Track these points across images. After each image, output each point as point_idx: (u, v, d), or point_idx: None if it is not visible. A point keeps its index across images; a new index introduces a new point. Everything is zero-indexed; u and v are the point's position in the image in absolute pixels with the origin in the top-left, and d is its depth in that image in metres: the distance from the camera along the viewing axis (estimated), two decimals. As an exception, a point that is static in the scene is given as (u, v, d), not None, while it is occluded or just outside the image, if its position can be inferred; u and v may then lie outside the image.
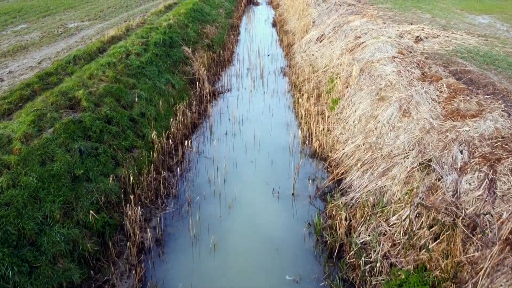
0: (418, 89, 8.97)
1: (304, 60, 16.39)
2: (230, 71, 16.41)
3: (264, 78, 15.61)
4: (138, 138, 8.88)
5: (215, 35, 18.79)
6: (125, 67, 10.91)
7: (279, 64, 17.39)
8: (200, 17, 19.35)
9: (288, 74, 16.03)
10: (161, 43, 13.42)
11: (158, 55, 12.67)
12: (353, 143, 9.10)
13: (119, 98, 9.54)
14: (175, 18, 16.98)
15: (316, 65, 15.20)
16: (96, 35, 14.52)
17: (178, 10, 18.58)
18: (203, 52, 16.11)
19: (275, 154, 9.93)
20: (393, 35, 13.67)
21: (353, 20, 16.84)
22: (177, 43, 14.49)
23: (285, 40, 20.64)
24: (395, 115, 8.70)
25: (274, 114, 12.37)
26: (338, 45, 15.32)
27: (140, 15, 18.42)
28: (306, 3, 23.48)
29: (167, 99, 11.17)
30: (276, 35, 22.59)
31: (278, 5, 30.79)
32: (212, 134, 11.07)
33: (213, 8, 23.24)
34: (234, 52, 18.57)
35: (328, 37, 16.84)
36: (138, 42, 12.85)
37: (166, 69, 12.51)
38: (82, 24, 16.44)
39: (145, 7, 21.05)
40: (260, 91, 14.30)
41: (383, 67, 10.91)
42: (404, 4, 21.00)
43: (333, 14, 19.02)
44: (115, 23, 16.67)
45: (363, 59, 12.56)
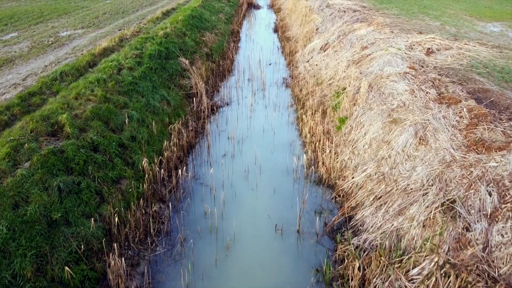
0: (435, 113, 8.12)
1: (307, 71, 15.54)
2: (230, 82, 15.57)
3: (266, 90, 14.77)
4: (128, 166, 8.05)
5: (214, 43, 17.95)
6: (116, 84, 10.08)
7: (281, 74, 16.55)
8: (199, 24, 18.51)
9: (290, 86, 15.18)
10: (157, 55, 12.58)
11: (153, 68, 11.83)
12: (363, 171, 8.25)
13: (108, 121, 8.71)
14: (173, 26, 16.15)
15: (320, 77, 14.37)
16: (88, 45, 13.69)
17: (176, 17, 17.75)
18: (202, 63, 15.27)
19: (277, 181, 9.10)
20: (403, 47, 12.82)
21: (359, 29, 16.01)
22: (174, 54, 13.65)
23: (287, 48, 19.80)
24: (411, 142, 7.85)
25: (276, 132, 11.53)
26: (344, 55, 14.48)
27: (136, 22, 17.59)
28: (309, 8, 22.64)
29: (161, 118, 10.34)
30: (278, 42, 21.74)
31: (280, 9, 29.95)
32: (209, 156, 10.23)
33: (213, 13, 22.40)
34: (234, 61, 17.73)
35: (332, 46, 15.99)
36: (131, 54, 12.01)
37: (162, 83, 11.67)
38: (74, 33, 15.61)
39: (142, 13, 20.22)
40: (261, 105, 13.46)
41: (394, 84, 10.06)
42: (411, 10, 20.14)
43: (337, 21, 18.19)
44: (109, 31, 15.84)
45: (371, 73, 11.72)
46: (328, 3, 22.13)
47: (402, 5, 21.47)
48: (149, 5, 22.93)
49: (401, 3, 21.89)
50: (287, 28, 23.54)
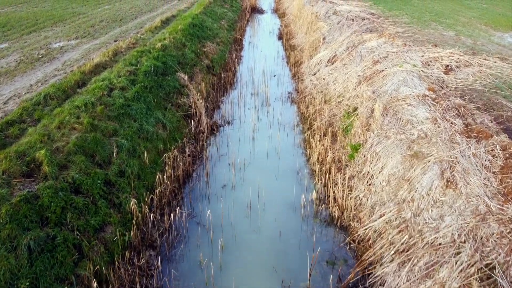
0: (463, 149, 7.10)
1: (314, 85, 14.52)
2: (232, 96, 14.58)
3: (270, 106, 13.77)
4: (114, 208, 7.07)
5: (215, 53, 16.95)
6: (105, 108, 9.11)
7: (286, 87, 15.54)
8: (199, 33, 17.51)
9: (296, 102, 14.17)
10: (153, 72, 11.60)
11: (148, 87, 10.85)
12: (382, 215, 7.24)
13: (94, 153, 7.74)
14: (171, 37, 15.16)
15: (328, 93, 13.34)
16: (80, 59, 12.73)
17: (175, 27, 16.76)
18: (202, 77, 14.28)
19: (283, 219, 8.10)
20: (419, 63, 11.78)
21: (369, 40, 14.97)
22: (172, 69, 12.66)
23: (292, 57, 18.78)
24: (436, 185, 6.83)
25: (282, 156, 10.53)
26: (353, 70, 13.45)
27: (134, 32, 16.62)
28: (315, 15, 21.61)
29: (155, 145, 9.35)
30: (283, 51, 20.72)
31: (284, 13, 28.93)
32: (208, 187, 9.25)
33: (215, 20, 21.40)
34: (236, 73, 16.73)
35: (341, 58, 14.96)
36: (125, 71, 11.03)
37: (157, 104, 10.69)
38: (67, 44, 14.66)
39: (140, 21, 19.24)
40: (265, 123, 12.46)
41: (412, 110, 9.03)
42: (422, 17, 19.07)
43: (345, 31, 17.15)
44: (104, 42, 14.88)
45: (386, 93, 10.70)
46: (335, 9, 21.11)
47: (412, 12, 20.41)
48: (148, 12, 21.96)
49: (412, 10, 20.83)
50: (292, 36, 22.52)
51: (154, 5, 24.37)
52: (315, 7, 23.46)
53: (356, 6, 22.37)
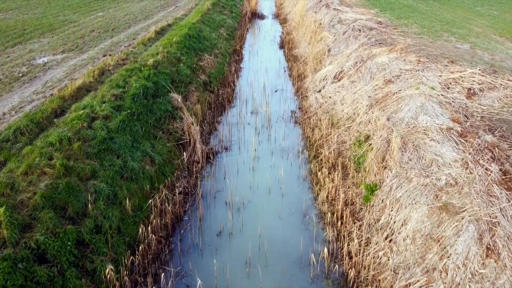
0: (504, 207, 5.87)
1: (319, 104, 13.29)
2: (230, 116, 13.35)
3: (271, 127, 12.55)
4: (86, 277, 5.86)
5: (213, 67, 15.72)
6: (84, 143, 7.89)
7: (288, 105, 14.31)
8: (196, 45, 16.27)
9: (300, 123, 12.94)
10: (142, 95, 10.38)
11: (136, 114, 9.63)
12: (408, 285, 6.01)
13: (66, 205, 6.52)
14: (165, 50, 13.93)
15: (336, 115, 12.12)
16: (64, 79, 11.51)
17: (170, 39, 15.52)
18: (198, 95, 13.05)
19: (288, 281, 6.87)
20: (437, 85, 10.57)
21: (379, 54, 13.75)
22: (164, 89, 11.44)
23: (295, 70, 17.56)
24: (474, 252, 5.60)
25: (286, 193, 9.32)
26: (363, 89, 12.22)
27: (125, 44, 15.38)
28: (319, 23, 20.35)
29: (140, 185, 8.14)
30: (285, 61, 19.48)
31: (286, 19, 27.68)
32: (200, 234, 8.03)
33: (213, 29, 20.15)
34: (235, 88, 15.50)
35: (348, 75, 13.73)
36: (110, 95, 9.81)
37: (145, 133, 9.47)
38: (52, 60, 13.43)
39: (134, 31, 18.00)
40: (267, 149, 11.24)
41: (437, 147, 7.80)
42: (432, 27, 17.82)
43: (352, 42, 15.91)
44: (92, 57, 13.65)
45: (402, 121, 9.48)
46: (339, 18, 19.86)
47: (422, 20, 19.16)
48: (143, 19, 20.71)
49: (421, 18, 19.58)
50: (294, 45, 21.27)
51: (149, 12, 23.13)
52: (318, 14, 22.22)
53: (362, 14, 21.13)
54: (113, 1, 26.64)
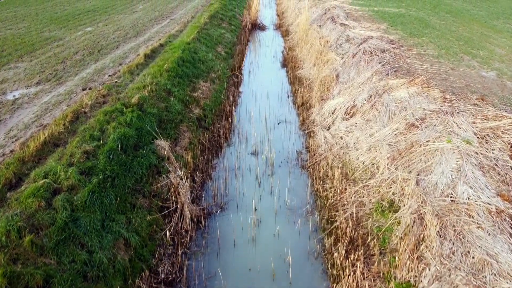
0: None
1: (329, 146, 11.47)
2: (227, 158, 11.54)
3: (274, 175, 10.75)
4: None
5: (209, 97, 13.89)
6: (38, 235, 6.07)
7: (293, 143, 12.50)
8: (190, 70, 14.43)
9: (308, 169, 11.11)
10: (121, 149, 8.56)
11: (111, 178, 7.81)
12: None
13: None
14: (154, 82, 12.10)
15: (350, 163, 10.30)
16: (32, 124, 9.70)
17: (161, 65, 13.68)
18: (190, 136, 11.23)
19: None
20: (472, 136, 8.76)
21: (396, 87, 11.93)
22: (149, 136, 9.62)
23: (299, 95, 15.73)
24: None
25: (294, 280, 7.49)
26: (382, 133, 10.41)
27: (110, 71, 13.55)
28: (325, 41, 18.49)
29: (110, 285, 6.31)
30: (288, 84, 17.64)
31: (288, 31, 25.81)
32: None
33: (210, 47, 18.29)
34: (233, 120, 13.66)
35: (362, 111, 11.90)
36: (81, 153, 7.99)
37: (121, 203, 7.66)
38: (25, 94, 11.61)
39: (122, 52, 16.15)
40: (269, 209, 9.44)
41: (487, 240, 6.01)
42: (450, 48, 15.98)
43: (363, 68, 14.07)
44: (69, 91, 11.82)
45: (435, 188, 7.68)
46: (347, 35, 18.01)
47: (437, 39, 17.30)
48: (134, 37, 18.84)
49: (436, 36, 17.72)
50: (297, 64, 19.41)
51: (142, 26, 21.25)
52: (323, 29, 20.37)
53: (371, 30, 19.27)
54: (104, 12, 24.77)
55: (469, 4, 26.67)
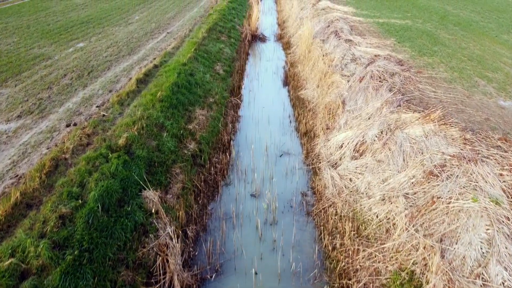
0: None
1: (338, 190, 10.34)
2: (224, 203, 10.42)
3: (277, 225, 9.64)
4: None
5: (205, 127, 12.75)
6: None
7: (297, 181, 11.39)
8: (186, 97, 13.30)
9: (314, 216, 9.99)
10: (103, 209, 7.43)
11: (88, 251, 6.67)
12: None
13: None
14: (145, 115, 10.98)
15: (361, 213, 9.17)
16: (6, 174, 8.57)
17: (154, 93, 12.56)
18: (183, 178, 10.10)
19: None
20: (500, 194, 7.63)
21: (410, 123, 10.84)
22: (136, 187, 8.49)
23: (303, 122, 14.60)
24: None
25: None
26: (397, 181, 9.30)
27: (99, 100, 12.43)
28: (329, 59, 17.34)
29: None
30: (290, 106, 16.52)
31: (289, 44, 24.63)
32: None
33: (208, 67, 17.14)
34: (231, 153, 12.51)
35: (372, 150, 10.77)
36: (55, 220, 6.88)
37: (100, 281, 6.52)
38: (4, 130, 10.50)
39: (113, 75, 14.99)
40: (272, 272, 8.32)
41: None
42: (463, 69, 14.85)
43: (372, 96, 12.93)
44: (52, 128, 10.71)
45: (463, 264, 6.57)
46: (353, 54, 16.87)
47: (448, 58, 16.15)
48: (127, 55, 17.68)
49: (446, 55, 16.58)
50: (300, 83, 18.26)
51: (137, 41, 20.07)
52: (327, 45, 19.20)
53: (377, 47, 18.12)
54: (98, 24, 23.59)
55: (477, 15, 25.47)
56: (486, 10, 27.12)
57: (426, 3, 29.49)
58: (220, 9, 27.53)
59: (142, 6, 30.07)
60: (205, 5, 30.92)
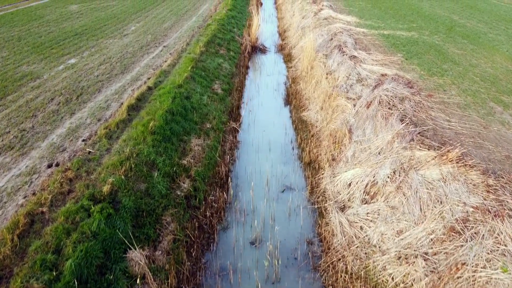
0: None
1: (347, 240, 9.28)
2: (221, 254, 9.35)
3: (279, 281, 8.59)
4: None
5: (201, 159, 11.68)
6: None
7: (302, 225, 10.32)
8: (180, 125, 12.23)
9: (321, 272, 8.92)
10: (81, 278, 6.36)
11: None
12: None
13: None
14: (135, 152, 9.92)
15: (375, 272, 8.10)
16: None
17: (146, 122, 11.49)
18: (175, 227, 9.03)
19: None
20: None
21: (425, 162, 9.79)
22: (120, 248, 7.41)
23: (306, 149, 13.54)
24: None
25: None
26: (414, 236, 8.25)
27: (85, 132, 11.35)
28: (333, 77, 16.26)
29: None
30: (292, 130, 15.44)
31: (290, 56, 23.52)
32: None
33: (206, 86, 16.05)
34: (229, 189, 11.44)
35: (385, 194, 9.70)
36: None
37: None
38: (-23, 173, 9.39)
39: (103, 99, 13.91)
40: None
41: None
42: (476, 92, 13.81)
43: (382, 127, 11.88)
44: (32, 168, 9.63)
45: None
46: (358, 73, 15.80)
47: (460, 78, 15.08)
48: (120, 73, 16.57)
49: (458, 74, 15.52)
50: (302, 102, 17.19)
51: (131, 56, 18.95)
52: (330, 61, 18.11)
53: (384, 64, 17.06)
54: (92, 36, 22.47)
55: (485, 26, 24.34)
56: (493, 20, 25.99)
57: (431, 11, 28.36)
58: (219, 18, 26.39)
59: (139, 14, 28.92)
60: (203, 14, 29.77)
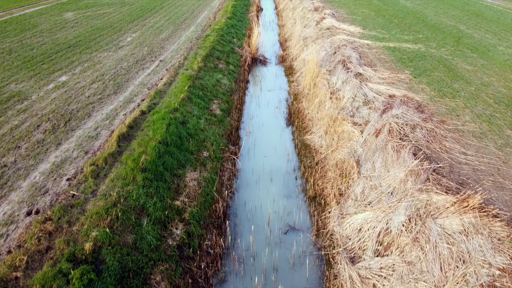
0: None
1: (357, 297, 8.23)
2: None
3: None
4: None
5: (196, 196, 10.63)
6: None
7: (308, 277, 9.26)
8: (175, 157, 11.19)
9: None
10: None
11: None
12: None
13: None
14: (123, 195, 8.89)
15: None
16: None
17: (136, 157, 10.44)
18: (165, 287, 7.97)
19: None
20: None
21: (444, 209, 8.74)
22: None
23: (311, 180, 12.50)
24: None
25: None
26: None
27: (71, 169, 10.31)
28: (337, 97, 15.20)
29: None
30: (295, 155, 14.40)
31: (292, 68, 22.45)
32: None
33: (203, 108, 14.99)
34: (226, 231, 10.40)
35: (400, 245, 8.66)
36: None
37: None
38: None
39: (93, 126, 12.85)
40: None
41: None
42: (492, 117, 12.81)
43: (393, 161, 10.87)
44: (9, 218, 8.60)
45: None
46: (365, 95, 14.75)
47: (473, 101, 14.03)
48: (113, 94, 15.51)
49: (470, 95, 14.49)
50: (305, 123, 16.13)
51: (125, 73, 17.86)
52: (333, 78, 17.05)
53: (391, 83, 16.02)
54: (86, 49, 21.37)
55: (493, 36, 23.24)
56: (501, 30, 24.89)
57: (437, 20, 27.25)
58: (218, 28, 25.29)
59: (135, 23, 27.81)
60: (202, 22, 28.65)
